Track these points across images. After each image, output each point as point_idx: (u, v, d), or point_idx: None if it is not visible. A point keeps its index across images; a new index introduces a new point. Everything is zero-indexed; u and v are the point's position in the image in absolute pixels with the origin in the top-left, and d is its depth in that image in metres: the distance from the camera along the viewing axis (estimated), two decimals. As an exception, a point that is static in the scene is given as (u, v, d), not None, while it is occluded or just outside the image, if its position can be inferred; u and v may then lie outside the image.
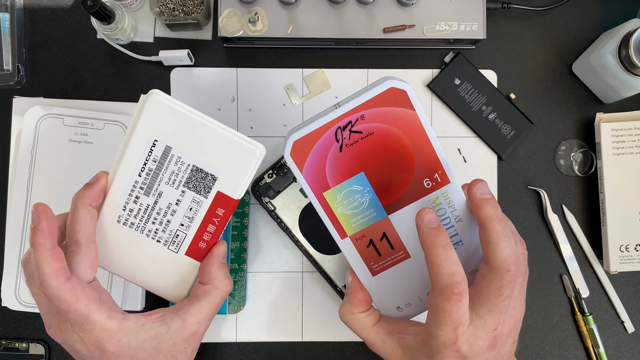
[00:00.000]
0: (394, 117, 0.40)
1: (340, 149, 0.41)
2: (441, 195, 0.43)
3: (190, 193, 0.44)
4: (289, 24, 0.57)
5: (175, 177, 0.44)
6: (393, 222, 0.44)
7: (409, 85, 0.39)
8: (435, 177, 0.42)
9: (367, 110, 0.40)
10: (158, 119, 0.42)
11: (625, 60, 0.54)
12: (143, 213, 0.45)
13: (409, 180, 0.43)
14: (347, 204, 0.43)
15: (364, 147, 0.41)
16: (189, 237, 0.46)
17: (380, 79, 0.40)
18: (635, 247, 0.59)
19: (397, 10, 0.57)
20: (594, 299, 0.61)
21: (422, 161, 0.42)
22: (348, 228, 0.44)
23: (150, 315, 0.44)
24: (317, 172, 0.42)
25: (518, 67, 0.62)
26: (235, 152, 0.43)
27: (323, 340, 0.60)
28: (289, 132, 0.41)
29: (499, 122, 0.61)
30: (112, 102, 0.60)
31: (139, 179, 0.44)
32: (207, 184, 0.44)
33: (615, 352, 0.61)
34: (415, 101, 0.40)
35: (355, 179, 0.42)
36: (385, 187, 0.43)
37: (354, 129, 0.41)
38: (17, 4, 0.60)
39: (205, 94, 0.61)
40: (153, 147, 0.43)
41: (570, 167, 0.62)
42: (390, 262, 0.45)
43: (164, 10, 0.58)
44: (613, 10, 0.62)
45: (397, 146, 0.42)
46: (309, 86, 0.61)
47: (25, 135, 0.58)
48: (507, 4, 0.59)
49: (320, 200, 0.43)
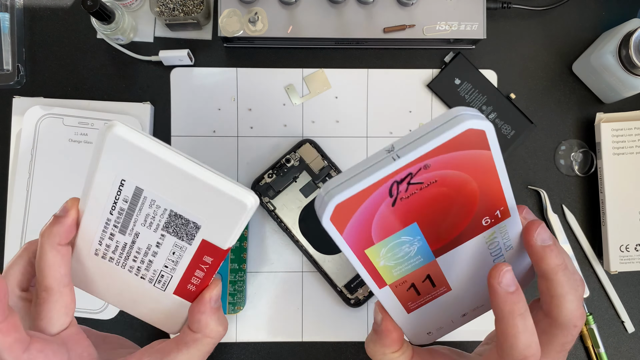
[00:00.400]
0: (464, 161, 0.32)
1: (393, 204, 0.33)
2: (498, 230, 0.37)
3: (171, 237, 0.37)
4: (289, 24, 0.57)
5: (151, 220, 0.37)
6: (440, 263, 0.38)
7: (488, 124, 0.30)
8: (495, 214, 0.36)
9: (433, 158, 0.31)
10: (122, 157, 0.34)
11: (626, 60, 0.54)
12: (122, 250, 0.38)
13: (467, 222, 0.36)
14: (391, 256, 0.37)
15: (423, 198, 0.33)
16: (175, 279, 0.39)
17: (451, 115, 0.30)
18: (636, 247, 0.59)
19: (397, 10, 0.57)
20: (594, 299, 0.61)
21: (485, 200, 0.35)
22: (388, 277, 0.38)
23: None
24: (360, 231, 0.34)
25: (518, 67, 0.62)
26: (220, 203, 0.35)
27: (323, 340, 0.60)
28: (329, 191, 0.32)
29: (499, 122, 0.61)
30: (112, 102, 0.60)
31: (111, 217, 0.37)
32: (190, 230, 0.37)
33: (615, 352, 0.61)
34: (494, 141, 0.31)
35: (406, 230, 0.35)
36: (438, 232, 0.36)
37: (413, 181, 0.32)
38: (17, 3, 0.60)
39: (205, 94, 0.61)
40: (121, 187, 0.35)
41: (570, 167, 0.62)
42: (430, 298, 0.40)
43: (163, 10, 0.58)
44: (613, 10, 0.62)
45: (461, 191, 0.34)
46: (309, 86, 0.61)
47: (25, 135, 0.58)
48: (507, 4, 0.59)
49: (360, 258, 0.36)
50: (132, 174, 0.35)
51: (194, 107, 0.61)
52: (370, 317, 0.60)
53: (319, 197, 0.33)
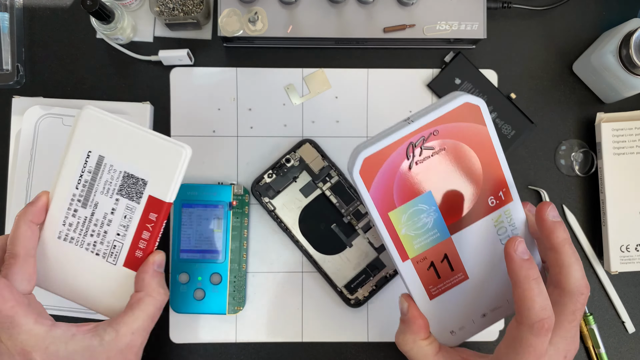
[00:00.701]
0: (467, 132, 0.39)
1: (410, 167, 0.40)
2: (504, 213, 0.42)
3: (123, 200, 0.46)
4: (289, 24, 0.57)
5: (109, 185, 0.46)
6: (455, 242, 0.43)
7: (482, 101, 0.39)
8: (499, 195, 0.41)
9: (440, 125, 0.39)
10: (91, 131, 0.46)
11: (626, 60, 0.54)
12: (82, 226, 0.47)
13: (475, 200, 0.41)
14: (411, 224, 0.42)
15: (434, 164, 0.40)
16: (125, 247, 0.47)
17: (453, 94, 0.39)
18: (636, 247, 0.59)
19: (397, 10, 0.57)
20: (594, 299, 0.61)
21: (488, 178, 0.41)
22: (410, 250, 0.42)
23: (82, 327, 0.42)
24: (384, 191, 0.40)
25: (518, 67, 0.62)
26: (162, 154, 0.45)
27: (323, 340, 0.60)
28: (358, 148, 0.39)
29: (500, 121, 0.61)
30: (112, 102, 0.60)
31: (76, 191, 0.47)
32: (139, 189, 0.46)
33: (615, 353, 0.61)
34: (487, 117, 0.39)
35: (422, 197, 0.41)
36: (450, 205, 0.41)
37: (426, 145, 0.39)
38: (16, 3, 0.60)
39: (205, 94, 0.61)
40: (87, 159, 0.46)
41: (570, 167, 0.62)
42: (449, 284, 0.44)
43: (163, 9, 0.58)
44: (613, 10, 0.62)
45: (467, 163, 0.40)
46: (309, 86, 0.61)
47: (25, 135, 0.58)
48: (507, 4, 0.59)
49: (385, 221, 0.41)
50: (97, 144, 0.46)
51: (193, 107, 0.61)
52: (370, 318, 0.60)
53: (350, 156, 0.40)
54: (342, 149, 0.61)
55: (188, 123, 0.61)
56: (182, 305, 0.58)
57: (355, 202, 0.59)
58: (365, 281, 0.59)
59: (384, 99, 0.61)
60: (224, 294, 0.58)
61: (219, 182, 0.60)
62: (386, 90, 0.61)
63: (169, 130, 0.61)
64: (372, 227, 0.59)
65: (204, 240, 0.58)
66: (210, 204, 0.58)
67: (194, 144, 0.61)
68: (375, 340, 0.60)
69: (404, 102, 0.61)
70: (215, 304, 0.58)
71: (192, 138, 0.61)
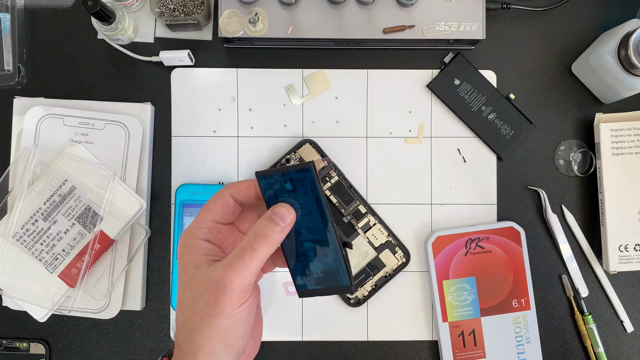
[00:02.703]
0: (508, 247, 0.59)
1: (465, 254, 0.59)
2: (521, 316, 0.59)
3: (78, 226, 0.57)
4: (289, 25, 0.57)
5: (71, 211, 0.57)
6: (483, 323, 0.59)
7: (522, 230, 0.60)
8: (521, 301, 0.59)
9: (492, 235, 0.59)
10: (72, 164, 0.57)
11: (625, 61, 0.54)
12: (36, 234, 0.56)
13: (503, 297, 0.59)
14: (456, 295, 0.59)
15: (481, 259, 0.59)
16: (65, 262, 0.57)
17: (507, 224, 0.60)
18: (635, 247, 0.59)
19: (397, 11, 0.57)
20: (593, 299, 0.61)
21: (516, 286, 0.59)
22: (450, 315, 0.59)
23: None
24: (444, 264, 0.59)
25: (518, 68, 0.62)
26: (122, 202, 0.57)
27: (323, 339, 0.60)
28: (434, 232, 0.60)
29: (499, 122, 0.61)
30: (113, 102, 0.60)
31: (43, 206, 0.56)
32: (94, 221, 0.57)
33: (614, 352, 0.61)
34: (524, 242, 0.60)
35: (468, 279, 0.59)
36: (486, 294, 0.59)
37: (479, 244, 0.59)
38: (17, 4, 0.60)
39: (206, 94, 0.61)
40: (62, 185, 0.57)
41: (569, 167, 0.62)
42: (470, 356, 0.59)
43: (164, 10, 0.58)
44: (612, 11, 0.62)
45: (503, 268, 0.59)
46: (309, 86, 0.61)
47: (26, 136, 0.58)
48: (506, 5, 0.59)
49: (439, 286, 0.59)
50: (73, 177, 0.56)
51: (194, 107, 0.61)
52: (370, 317, 0.60)
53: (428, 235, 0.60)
54: (342, 149, 0.61)
55: (189, 123, 0.61)
56: (183, 305, 0.59)
57: (355, 202, 0.59)
58: (365, 280, 0.59)
59: (383, 99, 0.61)
60: (224, 294, 0.58)
61: (219, 182, 0.60)
62: (386, 90, 0.61)
63: (170, 130, 0.61)
64: (372, 227, 0.60)
65: (205, 240, 0.59)
66: (211, 204, 0.59)
67: (195, 144, 0.61)
68: (375, 339, 0.61)
69: (404, 103, 0.61)
70: (215, 304, 0.58)
71: (193, 138, 0.61)
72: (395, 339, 0.61)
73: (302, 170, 0.38)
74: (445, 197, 0.61)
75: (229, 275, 0.37)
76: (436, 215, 0.61)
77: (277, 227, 0.38)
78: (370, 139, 0.61)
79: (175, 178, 0.61)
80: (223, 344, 0.38)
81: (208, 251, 0.40)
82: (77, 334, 0.60)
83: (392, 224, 0.60)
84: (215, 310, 0.37)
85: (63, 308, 0.57)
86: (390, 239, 0.60)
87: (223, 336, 0.38)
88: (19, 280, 0.57)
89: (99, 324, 0.60)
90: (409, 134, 0.61)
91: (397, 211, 0.61)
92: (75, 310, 0.57)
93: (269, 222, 0.38)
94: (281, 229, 0.39)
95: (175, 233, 0.59)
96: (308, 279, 0.41)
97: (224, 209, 0.41)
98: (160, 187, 0.61)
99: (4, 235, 0.56)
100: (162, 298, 0.60)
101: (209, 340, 0.38)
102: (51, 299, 0.57)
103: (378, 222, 0.60)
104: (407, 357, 0.61)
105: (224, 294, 0.37)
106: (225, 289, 0.37)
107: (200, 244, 0.40)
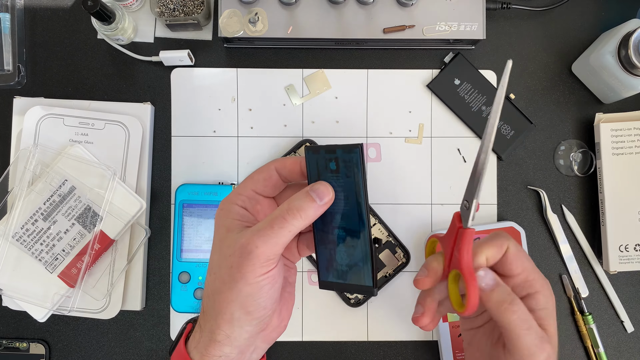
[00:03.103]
0: None
1: None
2: None
3: (78, 226, 0.56)
4: (289, 24, 0.57)
5: (71, 211, 0.56)
6: None
7: (522, 230, 0.59)
8: None
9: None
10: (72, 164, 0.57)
11: (625, 61, 0.54)
12: (36, 234, 0.56)
13: None
14: None
15: None
16: (65, 262, 0.56)
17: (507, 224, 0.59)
18: (635, 247, 0.59)
19: (397, 11, 0.57)
20: (593, 299, 0.61)
21: None
22: (450, 315, 0.57)
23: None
24: None
25: (518, 68, 0.62)
26: (122, 202, 0.57)
27: (323, 339, 0.60)
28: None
29: (499, 122, 0.61)
30: (113, 102, 0.60)
31: (43, 206, 0.56)
32: (94, 221, 0.56)
33: (614, 352, 0.61)
34: (524, 242, 0.59)
35: None
36: None
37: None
38: (17, 4, 0.60)
39: (206, 94, 0.61)
40: (62, 185, 0.56)
41: (569, 167, 0.62)
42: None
43: (164, 10, 0.58)
44: (613, 11, 0.62)
45: None
46: (309, 86, 0.61)
47: (26, 136, 0.58)
48: (506, 4, 0.59)
49: None
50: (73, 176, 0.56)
51: (194, 107, 0.61)
52: (370, 317, 0.60)
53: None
54: (342, 149, 0.61)
55: (189, 123, 0.61)
56: (183, 305, 0.58)
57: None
58: (365, 281, 0.59)
59: (383, 99, 0.61)
60: (224, 294, 0.58)
61: (219, 182, 0.60)
62: (386, 90, 0.61)
63: (170, 130, 0.61)
64: (372, 227, 0.59)
65: (205, 240, 0.59)
66: (211, 203, 0.59)
67: (195, 144, 0.61)
68: (375, 340, 0.61)
69: (404, 103, 0.61)
70: (215, 304, 0.58)
71: (193, 138, 0.61)
72: (395, 339, 0.61)
73: (349, 150, 0.37)
74: (445, 197, 0.61)
75: (256, 241, 0.37)
76: (436, 215, 0.61)
77: (313, 204, 0.38)
78: (370, 138, 0.61)
79: (175, 178, 0.61)
80: (243, 310, 0.38)
81: (243, 217, 0.40)
82: (77, 334, 0.60)
83: (392, 224, 0.60)
84: (237, 275, 0.37)
85: (63, 308, 0.57)
86: (390, 239, 0.60)
87: (243, 302, 0.38)
88: (18, 280, 0.56)
89: (99, 324, 0.60)
90: (409, 134, 0.61)
91: (397, 211, 0.61)
92: (75, 310, 0.57)
93: (305, 196, 0.38)
94: (317, 207, 0.38)
95: (175, 233, 0.59)
96: (332, 270, 0.40)
97: (266, 181, 0.41)
98: (160, 187, 0.61)
99: (3, 235, 0.56)
100: (162, 298, 0.60)
101: (229, 305, 0.38)
102: (51, 299, 0.56)
103: (378, 222, 0.60)
104: (407, 357, 0.61)
105: (248, 259, 0.37)
106: (250, 254, 0.37)
107: (236, 209, 0.40)
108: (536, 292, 0.41)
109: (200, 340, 0.39)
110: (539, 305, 0.41)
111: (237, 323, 0.38)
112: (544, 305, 0.41)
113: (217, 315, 0.38)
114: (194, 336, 0.40)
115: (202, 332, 0.40)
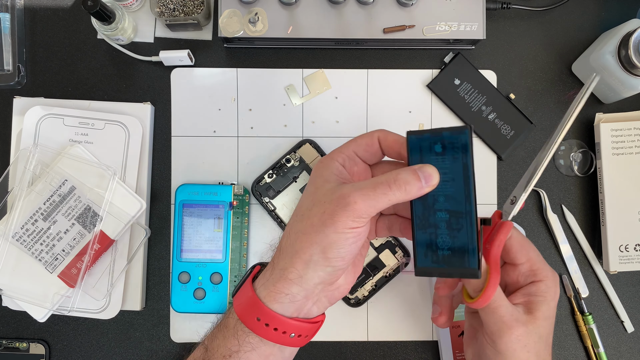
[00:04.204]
0: None
1: None
2: None
3: (78, 226, 0.56)
4: (289, 24, 0.57)
5: (71, 211, 0.56)
6: None
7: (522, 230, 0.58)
8: None
9: None
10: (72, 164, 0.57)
11: (625, 61, 0.54)
12: (36, 234, 0.56)
13: None
14: None
15: None
16: (65, 262, 0.56)
17: None
18: (635, 247, 0.59)
19: (397, 11, 0.57)
20: (593, 299, 0.61)
21: None
22: None
23: None
24: None
25: (518, 67, 0.62)
26: (122, 202, 0.57)
27: (323, 339, 0.60)
28: None
29: (499, 122, 0.61)
30: (113, 102, 0.60)
31: (43, 206, 0.56)
32: (94, 221, 0.56)
33: (614, 352, 0.61)
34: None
35: None
36: None
37: None
38: (17, 4, 0.60)
39: (206, 94, 0.61)
40: (62, 185, 0.56)
41: (570, 167, 0.62)
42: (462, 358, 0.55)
43: (164, 10, 0.58)
44: (613, 11, 0.62)
45: None
46: (309, 86, 0.61)
47: (26, 136, 0.58)
48: (506, 4, 0.59)
49: None
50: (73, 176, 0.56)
51: (194, 107, 0.61)
52: (370, 317, 0.60)
53: None
54: (342, 149, 0.61)
55: (189, 123, 0.61)
56: (183, 305, 0.58)
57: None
58: (365, 281, 0.59)
59: (383, 99, 0.61)
60: (224, 294, 0.58)
61: (219, 182, 0.60)
62: (386, 90, 0.61)
63: (170, 130, 0.61)
64: None
65: (205, 240, 0.59)
66: (211, 203, 0.59)
67: (195, 144, 0.61)
68: (374, 339, 0.61)
69: (404, 103, 0.61)
70: (215, 304, 0.58)
71: (193, 138, 0.61)
72: (395, 339, 0.61)
73: (458, 132, 0.36)
74: (446, 197, 0.61)
75: (356, 197, 0.38)
76: (436, 215, 0.61)
77: (418, 183, 0.39)
78: (370, 139, 0.61)
79: (175, 178, 0.61)
80: (323, 255, 0.39)
81: (340, 174, 0.42)
82: (77, 334, 0.60)
83: (392, 224, 0.60)
84: (329, 221, 0.39)
85: (63, 308, 0.57)
86: (390, 239, 0.60)
87: (325, 247, 0.39)
88: (18, 280, 0.56)
89: (99, 324, 0.60)
90: (409, 134, 0.61)
91: (397, 211, 0.61)
92: (75, 311, 0.57)
93: (413, 174, 0.39)
94: (420, 187, 0.39)
95: (175, 233, 0.59)
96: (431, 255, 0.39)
97: (367, 146, 0.43)
98: (160, 187, 0.61)
99: (3, 235, 0.56)
100: (162, 298, 0.60)
101: (311, 246, 0.39)
102: (51, 299, 0.56)
103: (378, 222, 0.60)
104: (407, 357, 0.61)
105: (344, 210, 0.38)
106: (348, 205, 0.38)
107: (336, 165, 0.42)
108: (539, 281, 0.43)
109: (270, 278, 0.41)
110: (538, 292, 0.43)
111: (312, 265, 0.39)
112: (542, 293, 0.43)
113: (294, 254, 0.40)
114: (264, 274, 0.42)
115: (274, 270, 0.41)
